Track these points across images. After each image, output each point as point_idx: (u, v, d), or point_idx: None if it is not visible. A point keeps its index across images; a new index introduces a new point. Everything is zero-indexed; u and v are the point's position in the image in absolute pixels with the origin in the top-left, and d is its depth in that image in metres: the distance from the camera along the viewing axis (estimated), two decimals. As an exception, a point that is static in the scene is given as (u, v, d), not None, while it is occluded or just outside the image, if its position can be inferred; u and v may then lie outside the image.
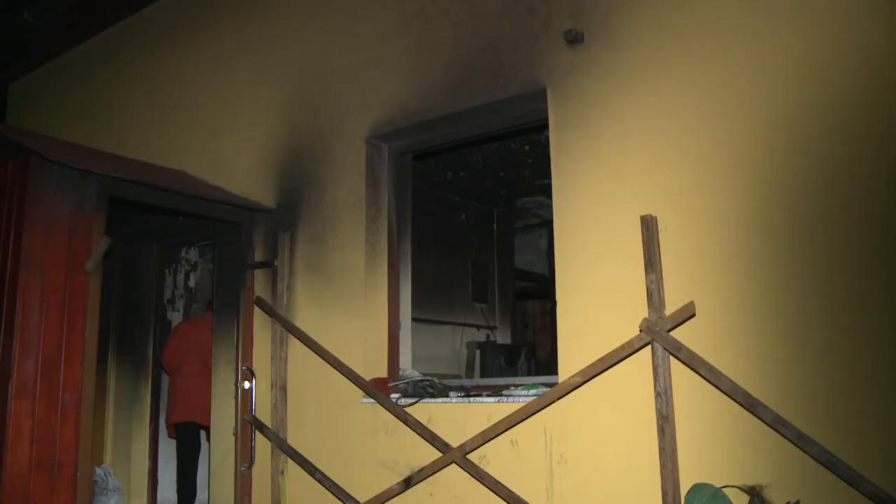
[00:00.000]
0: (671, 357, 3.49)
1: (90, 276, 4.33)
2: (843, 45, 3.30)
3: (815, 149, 3.32)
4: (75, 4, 6.58)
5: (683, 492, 3.32)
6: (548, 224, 9.37)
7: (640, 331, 3.54)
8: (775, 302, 3.33)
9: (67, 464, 4.13)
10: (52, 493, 4.05)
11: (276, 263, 5.23)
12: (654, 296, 3.52)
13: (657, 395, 3.47)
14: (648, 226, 3.59)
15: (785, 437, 3.15)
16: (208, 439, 5.66)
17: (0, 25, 7.04)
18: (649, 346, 3.53)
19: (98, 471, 5.67)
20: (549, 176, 4.17)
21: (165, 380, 6.66)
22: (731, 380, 3.29)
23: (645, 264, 3.57)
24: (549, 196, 4.18)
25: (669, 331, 3.47)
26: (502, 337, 9.10)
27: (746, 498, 3.21)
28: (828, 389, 3.17)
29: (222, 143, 5.89)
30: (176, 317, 6.95)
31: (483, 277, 8.86)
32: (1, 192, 4.31)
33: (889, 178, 3.13)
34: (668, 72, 3.76)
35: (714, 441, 3.41)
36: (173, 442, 6.46)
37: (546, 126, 4.24)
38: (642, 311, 3.57)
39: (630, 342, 3.58)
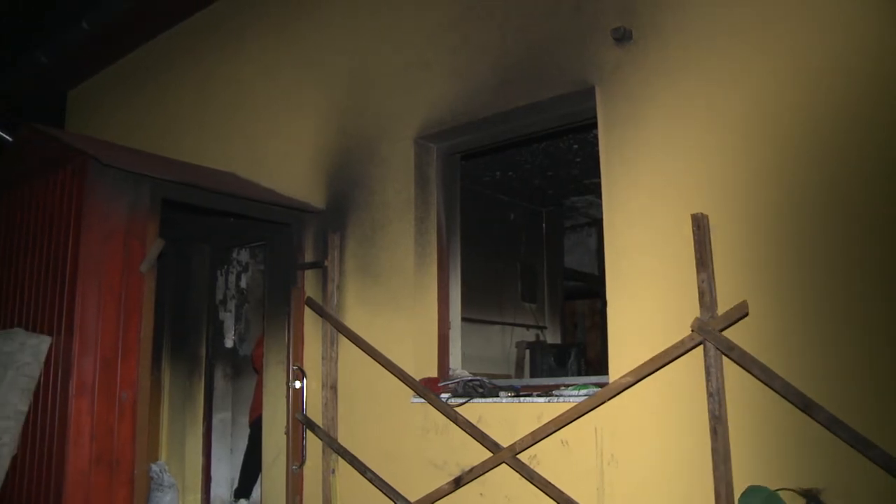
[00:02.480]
0: (724, 357, 3.44)
1: (145, 277, 4.42)
2: (901, 38, 3.23)
3: (875, 142, 3.25)
4: (130, 12, 6.71)
5: (737, 494, 3.27)
6: (597, 223, 9.31)
7: (692, 330, 3.50)
8: (830, 300, 3.27)
9: (125, 460, 4.22)
10: (111, 488, 4.14)
11: (326, 264, 5.27)
12: (706, 295, 3.48)
13: (709, 395, 3.43)
14: (700, 224, 3.54)
15: (842, 440, 3.08)
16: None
17: (60, 35, 7.22)
18: (701, 346, 3.48)
19: (154, 467, 5.78)
20: (598, 175, 4.14)
21: (219, 379, 6.77)
22: (784, 380, 3.24)
23: (696, 263, 3.53)
24: (599, 195, 4.15)
25: (722, 330, 3.42)
26: (552, 337, 9.07)
27: (802, 501, 3.16)
28: (887, 391, 3.09)
29: (272, 145, 5.96)
30: (228, 317, 7.05)
31: (532, 277, 8.85)
32: (61, 195, 4.43)
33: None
34: (718, 68, 3.71)
35: (768, 442, 3.35)
36: (226, 440, 6.55)
37: (594, 125, 4.21)
38: (694, 311, 3.53)
39: (682, 342, 3.54)
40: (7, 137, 8.01)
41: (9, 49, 7.97)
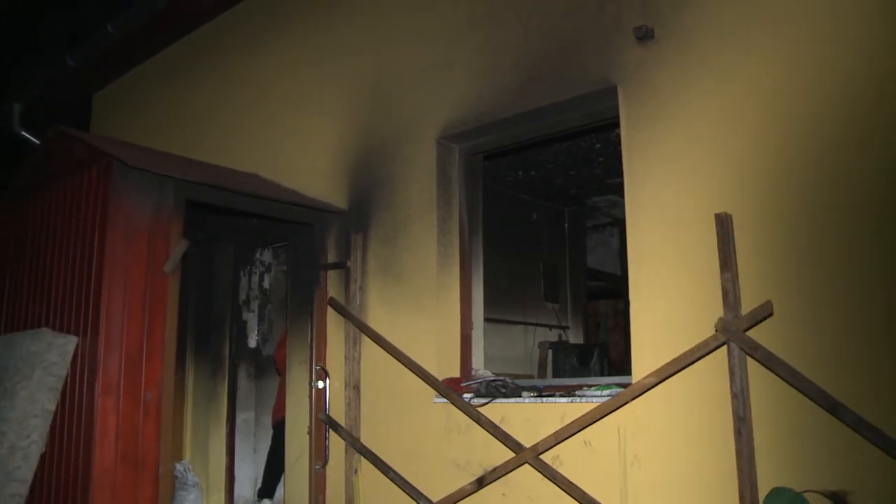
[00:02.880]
0: (748, 357, 3.41)
1: (169, 277, 4.45)
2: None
3: (898, 142, 3.21)
4: (155, 15, 6.77)
5: (762, 495, 3.25)
6: (620, 223, 9.27)
7: (716, 330, 3.47)
8: (856, 301, 3.23)
9: (150, 459, 4.26)
10: (136, 486, 4.18)
11: (348, 264, 5.29)
12: (730, 295, 3.45)
13: (733, 395, 3.40)
14: (723, 224, 3.52)
15: (870, 441, 3.05)
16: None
17: (87, 38, 7.30)
18: (725, 346, 3.46)
19: (178, 466, 5.82)
20: (620, 174, 4.13)
21: (242, 379, 6.81)
22: (810, 381, 3.21)
23: (720, 263, 3.51)
24: (621, 195, 4.13)
25: (746, 330, 3.40)
26: (574, 337, 9.05)
27: None
28: (914, 391, 3.06)
29: (295, 145, 5.98)
30: (251, 317, 7.09)
31: (554, 277, 8.82)
32: (86, 197, 4.48)
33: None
34: (741, 67, 3.68)
35: (794, 444, 3.32)
36: (250, 439, 6.57)
37: (617, 124, 4.20)
38: (717, 311, 3.50)
39: (705, 342, 3.52)
40: (35, 140, 8.11)
41: (38, 54, 8.07)
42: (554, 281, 8.80)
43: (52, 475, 4.29)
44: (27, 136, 8.26)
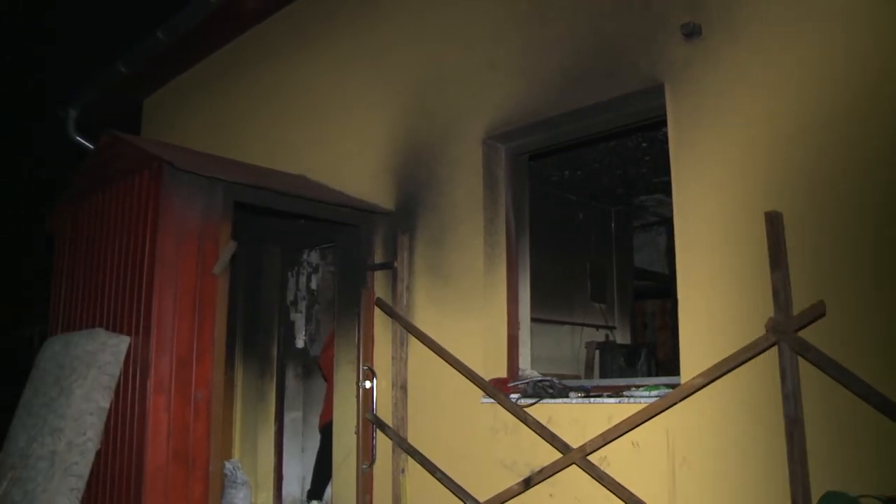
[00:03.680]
0: (799, 358, 3.36)
1: (218, 279, 4.52)
2: None
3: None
4: (203, 20, 6.86)
5: (814, 499, 3.19)
6: (667, 222, 9.18)
7: (766, 331, 3.42)
8: (913, 300, 3.16)
9: (200, 457, 4.32)
10: (187, 484, 4.25)
11: (395, 265, 5.31)
12: (781, 295, 3.40)
13: (785, 397, 3.35)
14: (774, 222, 3.47)
15: (926, 444, 2.98)
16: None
17: (138, 45, 7.44)
18: (776, 347, 3.41)
19: (227, 465, 5.90)
20: (667, 173, 4.09)
21: (290, 379, 6.88)
22: (864, 382, 3.14)
23: (770, 262, 3.46)
24: (668, 194, 4.09)
25: (797, 331, 3.34)
26: (622, 337, 8.98)
27: (885, 508, 3.06)
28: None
29: (341, 147, 6.03)
30: (298, 318, 7.16)
31: (601, 277, 8.77)
32: (138, 200, 4.57)
33: None
34: (791, 64, 3.62)
35: (848, 447, 3.26)
36: (297, 438, 6.63)
37: (664, 122, 4.15)
38: (767, 311, 3.45)
39: (755, 342, 3.47)
40: (89, 145, 8.29)
41: (90, 61, 8.25)
42: (601, 281, 8.74)
43: (107, 471, 4.39)
44: (82, 140, 8.45)
